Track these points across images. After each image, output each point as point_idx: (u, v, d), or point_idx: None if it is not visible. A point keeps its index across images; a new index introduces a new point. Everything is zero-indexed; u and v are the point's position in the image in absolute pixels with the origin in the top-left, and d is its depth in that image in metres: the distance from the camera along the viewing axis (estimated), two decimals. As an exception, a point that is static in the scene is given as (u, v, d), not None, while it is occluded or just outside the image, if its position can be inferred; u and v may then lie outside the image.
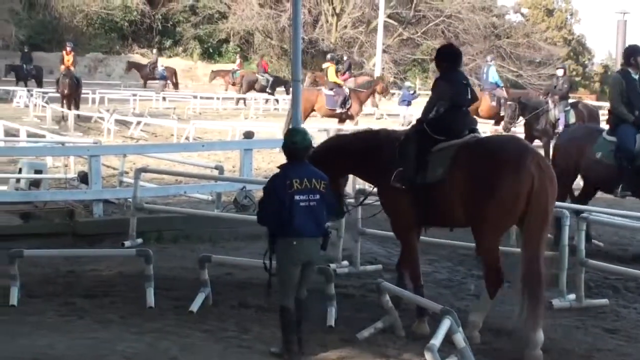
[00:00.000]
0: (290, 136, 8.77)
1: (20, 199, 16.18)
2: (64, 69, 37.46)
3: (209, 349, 8.66)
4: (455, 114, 9.92)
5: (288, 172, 8.50)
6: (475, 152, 9.44)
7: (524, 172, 8.96)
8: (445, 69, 10.16)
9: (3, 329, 9.01)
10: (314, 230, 8.50)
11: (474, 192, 9.14)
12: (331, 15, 73.26)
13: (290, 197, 8.33)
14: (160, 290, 10.39)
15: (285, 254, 8.47)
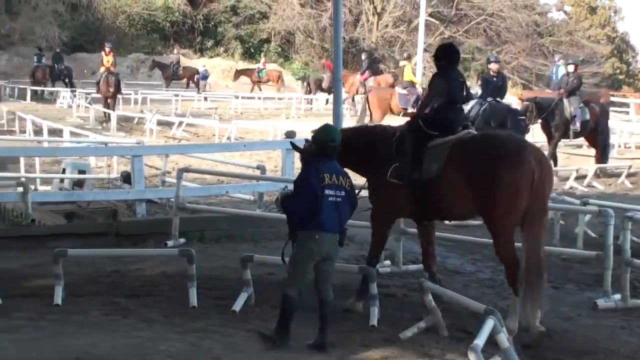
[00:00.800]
0: (329, 134, 8.87)
1: (64, 199, 16.31)
2: (104, 70, 37.18)
3: (252, 348, 8.66)
4: (449, 111, 10.26)
5: (319, 166, 8.63)
6: (473, 148, 9.71)
7: (525, 166, 9.20)
8: (442, 67, 10.47)
9: (47, 328, 9.07)
10: (336, 226, 8.67)
11: (478, 190, 9.40)
12: (372, 14, 73.06)
13: (322, 191, 8.46)
14: (202, 290, 10.42)
15: (305, 246, 8.59)
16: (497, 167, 9.27)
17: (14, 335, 8.81)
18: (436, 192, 9.74)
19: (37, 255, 12.40)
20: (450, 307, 9.99)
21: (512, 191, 9.20)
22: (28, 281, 11.04)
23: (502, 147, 9.58)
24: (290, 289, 8.69)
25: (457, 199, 9.69)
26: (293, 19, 70.93)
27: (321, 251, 8.60)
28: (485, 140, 10.11)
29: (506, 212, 9.30)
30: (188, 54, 71.48)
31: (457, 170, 9.59)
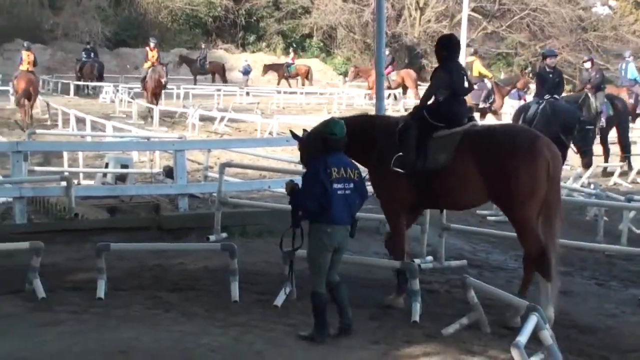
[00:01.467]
0: (329, 127, 8.98)
1: (106, 194, 16.40)
2: (150, 65, 36.98)
3: (293, 343, 8.66)
4: (454, 103, 10.31)
5: (327, 160, 8.70)
6: (487, 140, 9.84)
7: (542, 157, 9.44)
8: (445, 59, 10.45)
9: (90, 322, 9.12)
10: (346, 218, 8.79)
11: (496, 181, 9.56)
12: (414, 9, 72.90)
13: (330, 185, 8.59)
14: (244, 285, 10.43)
15: (319, 240, 8.69)
16: (516, 158, 9.44)
17: (58, 328, 8.88)
18: (442, 182, 9.87)
19: (80, 249, 12.50)
20: (493, 303, 9.93)
21: (533, 181, 9.40)
22: (71, 275, 11.12)
23: (518, 138, 9.76)
24: (317, 286, 8.76)
25: (466, 189, 9.86)
26: (335, 13, 70.94)
27: (333, 243, 8.73)
28: (500, 132, 10.31)
29: (529, 202, 9.46)
30: (230, 49, 71.79)
31: (469, 161, 9.70)
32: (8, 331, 8.74)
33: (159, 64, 36.88)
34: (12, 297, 9.98)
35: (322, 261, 8.74)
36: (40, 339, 8.49)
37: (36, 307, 9.64)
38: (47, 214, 15.29)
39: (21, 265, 10.78)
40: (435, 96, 10.34)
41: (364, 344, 8.71)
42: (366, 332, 9.08)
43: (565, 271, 12.71)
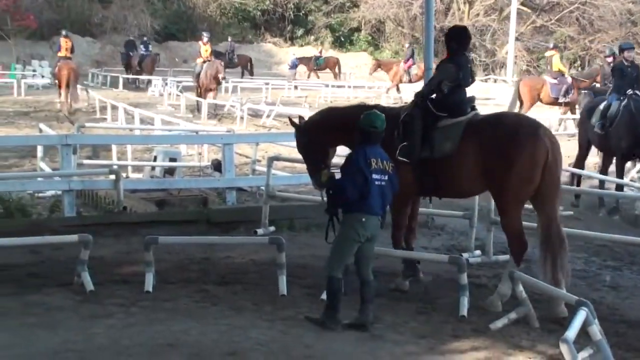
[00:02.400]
0: (372, 121, 9.05)
1: (155, 187, 16.47)
2: (203, 61, 36.39)
3: (342, 337, 8.65)
4: (459, 94, 10.50)
5: (367, 151, 8.84)
6: (490, 128, 10.08)
7: (541, 145, 9.74)
8: (454, 51, 10.63)
9: (139, 315, 9.17)
10: (380, 209, 8.97)
11: (495, 166, 9.79)
12: (463, 2, 72.48)
13: (370, 175, 8.76)
14: (292, 278, 10.43)
15: (352, 228, 8.85)
16: (515, 145, 9.73)
17: (106, 321, 8.93)
18: (447, 170, 10.06)
19: (129, 243, 12.56)
20: (541, 298, 9.86)
21: (527, 168, 9.70)
22: (119, 268, 11.18)
23: (520, 127, 10.04)
24: (336, 271, 8.88)
25: (470, 176, 10.09)
26: (383, 7, 70.75)
27: (367, 233, 8.88)
28: (502, 120, 10.50)
29: (520, 187, 9.79)
30: (278, 43, 71.86)
31: (473, 148, 9.94)
32: (58, 324, 8.80)
33: (215, 59, 36.51)
34: (62, 289, 10.05)
35: (349, 249, 8.91)
36: (89, 332, 8.55)
37: (85, 300, 9.71)
38: (96, 207, 15.38)
39: (70, 258, 10.88)
40: (439, 87, 10.49)
41: (411, 338, 8.70)
42: (413, 327, 9.06)
43: (615, 266, 12.63)
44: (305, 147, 11.01)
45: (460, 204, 13.97)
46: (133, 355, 7.93)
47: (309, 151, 11.00)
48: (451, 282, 10.33)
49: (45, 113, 34.51)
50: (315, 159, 10.93)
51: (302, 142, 11.03)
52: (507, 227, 10.11)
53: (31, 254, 11.82)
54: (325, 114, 11.39)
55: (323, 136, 10.80)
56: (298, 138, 11.09)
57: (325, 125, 10.88)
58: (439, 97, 10.50)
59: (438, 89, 10.50)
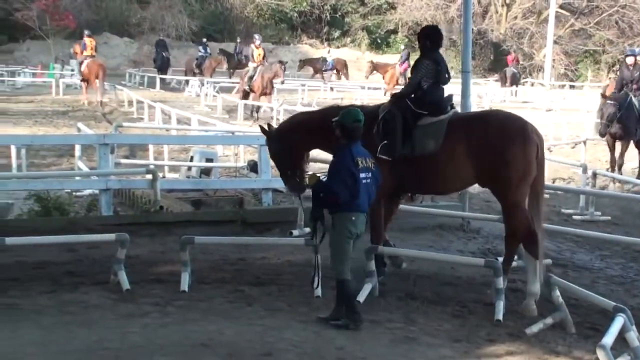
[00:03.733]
0: (353, 116, 9.09)
1: (191, 187, 16.53)
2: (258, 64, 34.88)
3: (376, 339, 8.65)
4: (438, 91, 10.70)
5: (352, 150, 8.90)
6: (478, 126, 10.30)
7: (531, 141, 10.01)
8: (428, 49, 10.87)
9: (174, 314, 9.21)
10: (367, 206, 9.10)
11: (493, 165, 10.00)
12: (501, 5, 72.29)
13: (358, 173, 8.83)
14: (326, 280, 10.40)
15: (345, 229, 8.93)
16: (511, 143, 9.95)
17: (142, 320, 8.98)
18: (430, 168, 10.17)
19: (165, 242, 12.62)
20: (578, 303, 9.81)
21: (524, 164, 9.93)
22: (155, 267, 11.23)
23: (510, 124, 10.28)
24: (344, 274, 8.99)
25: (453, 174, 10.31)
26: (421, 9, 70.62)
27: (357, 231, 8.99)
28: (490, 118, 10.75)
29: (520, 184, 9.98)
30: (315, 44, 71.89)
31: (459, 146, 10.09)
32: (94, 322, 8.86)
33: (277, 62, 35.28)
34: (98, 288, 10.12)
35: (347, 249, 9.02)
36: (125, 331, 8.59)
37: (121, 298, 9.76)
38: (133, 206, 15.46)
39: (107, 257, 10.95)
40: (418, 85, 10.62)
41: (446, 342, 8.67)
42: (448, 330, 9.04)
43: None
44: (279, 153, 11.04)
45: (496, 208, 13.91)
46: (168, 354, 7.97)
47: (284, 157, 11.02)
48: (487, 286, 10.29)
49: (83, 112, 34.77)
50: (290, 165, 10.99)
51: (275, 148, 11.07)
52: (514, 225, 10.22)
53: (68, 252, 11.91)
54: (297, 118, 11.58)
55: (297, 141, 10.85)
56: (270, 145, 11.16)
57: (300, 130, 10.94)
58: (418, 95, 10.63)
59: (417, 87, 10.64)
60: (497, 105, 41.75)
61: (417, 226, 13.87)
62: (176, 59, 58.67)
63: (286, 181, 11.19)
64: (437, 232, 14.09)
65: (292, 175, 10.96)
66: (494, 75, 64.28)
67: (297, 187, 11.05)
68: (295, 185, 11.03)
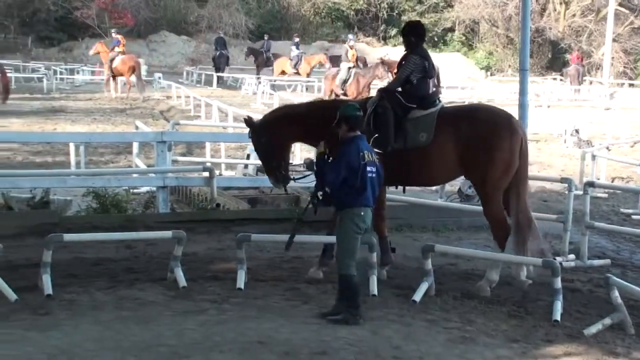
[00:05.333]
0: (353, 108, 9.18)
1: (248, 185, 16.57)
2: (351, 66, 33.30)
3: (432, 339, 8.60)
4: (426, 85, 10.88)
5: (360, 144, 8.97)
6: (467, 118, 10.58)
7: (518, 133, 10.46)
8: (414, 44, 11.02)
9: (230, 312, 9.24)
10: (373, 200, 9.17)
11: (477, 157, 10.33)
12: (559, 3, 71.53)
13: (363, 168, 8.90)
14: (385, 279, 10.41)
15: (352, 223, 9.01)
16: (497, 134, 10.33)
17: (198, 317, 9.02)
18: (420, 160, 10.33)
19: (222, 240, 12.68)
20: (637, 304, 9.70)
21: (509, 156, 10.31)
22: (212, 264, 11.28)
23: (497, 117, 10.69)
24: (350, 269, 8.98)
25: (445, 165, 10.57)
26: (478, 7, 70.10)
27: (365, 225, 9.08)
28: (478, 112, 11.15)
29: (502, 175, 10.35)
30: (371, 42, 71.73)
31: (449, 139, 10.37)
32: (150, 318, 8.92)
33: (379, 62, 33.29)
34: (155, 285, 10.20)
35: (355, 244, 9.06)
36: (181, 327, 8.63)
37: (177, 295, 9.82)
38: (189, 204, 15.54)
39: (164, 254, 11.03)
40: (407, 79, 10.78)
41: (503, 342, 8.61)
42: (505, 330, 8.97)
43: None
44: (264, 146, 11.04)
45: (553, 208, 13.80)
46: (224, 351, 7.99)
47: (269, 150, 11.03)
48: (544, 286, 10.20)
49: (141, 110, 35.05)
50: (275, 157, 11.04)
51: (260, 141, 11.05)
52: (491, 214, 10.59)
53: (126, 249, 12.03)
54: (282, 111, 11.61)
55: (282, 133, 10.92)
56: (255, 137, 11.12)
57: (285, 122, 11.00)
58: (407, 89, 10.82)
59: (407, 81, 10.77)
60: (555, 104, 41.52)
61: (474, 225, 13.80)
62: (233, 57, 58.84)
63: (270, 174, 11.22)
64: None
65: (277, 168, 11.03)
66: (551, 73, 63.81)
67: (281, 179, 11.15)
68: (279, 178, 11.13)
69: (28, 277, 10.22)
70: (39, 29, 63.05)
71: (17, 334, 8.32)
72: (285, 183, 11.39)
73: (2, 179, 14.45)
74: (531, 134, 22.83)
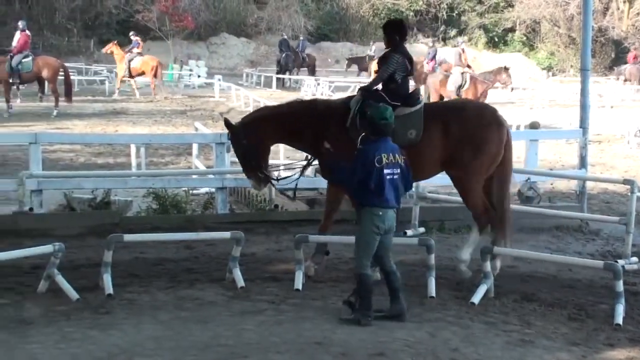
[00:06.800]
0: (381, 113, 9.11)
1: (306, 186, 16.54)
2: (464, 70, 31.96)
3: (491, 341, 8.53)
4: (408, 83, 11.12)
5: (379, 146, 9.01)
6: (455, 115, 10.80)
7: (504, 127, 10.81)
8: (396, 42, 10.99)
9: (288, 312, 9.27)
10: (394, 201, 9.11)
11: (463, 150, 10.53)
12: (623, 1, 70.77)
13: (380, 171, 8.90)
14: (441, 280, 10.36)
15: (370, 223, 9.00)
16: (486, 127, 10.63)
17: (257, 317, 9.05)
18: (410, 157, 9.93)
19: (280, 241, 12.71)
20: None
21: (497, 148, 10.63)
22: (270, 265, 11.31)
23: (484, 111, 11.10)
24: (364, 268, 9.03)
25: (434, 161, 10.72)
26: (539, 7, 69.68)
27: (384, 226, 9.03)
28: (466, 106, 11.58)
29: (487, 167, 10.69)
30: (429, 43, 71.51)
31: (437, 135, 10.53)
32: (209, 318, 8.97)
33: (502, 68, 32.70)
34: (214, 285, 10.25)
35: (372, 244, 9.04)
36: (240, 327, 8.68)
37: (236, 296, 9.86)
38: (248, 205, 15.60)
39: (222, 255, 11.08)
40: (391, 78, 10.79)
41: (563, 345, 8.51)
42: (565, 333, 8.87)
43: None
44: (244, 148, 10.95)
45: (616, 210, 13.65)
46: (282, 352, 8.00)
47: (248, 151, 10.94)
48: (605, 289, 10.08)
49: (201, 112, 35.29)
50: (254, 158, 10.98)
51: (240, 143, 10.96)
52: (474, 205, 10.85)
53: (185, 249, 12.11)
54: (263, 112, 11.53)
55: (263, 135, 10.89)
56: (235, 139, 11.04)
57: (265, 124, 10.95)
58: (392, 87, 10.83)
59: (391, 80, 10.80)
60: (618, 105, 41.04)
61: (534, 227, 13.70)
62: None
63: (250, 175, 11.14)
64: (554, 234, 13.91)
65: (257, 169, 10.98)
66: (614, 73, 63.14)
67: (260, 181, 11.11)
68: (259, 180, 11.08)
69: (89, 277, 10.36)
70: (101, 32, 63.72)
71: (78, 333, 8.44)
72: (264, 185, 11.44)
73: (65, 180, 14.63)
74: (593, 135, 22.68)
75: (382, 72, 10.89)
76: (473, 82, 31.34)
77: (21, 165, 17.89)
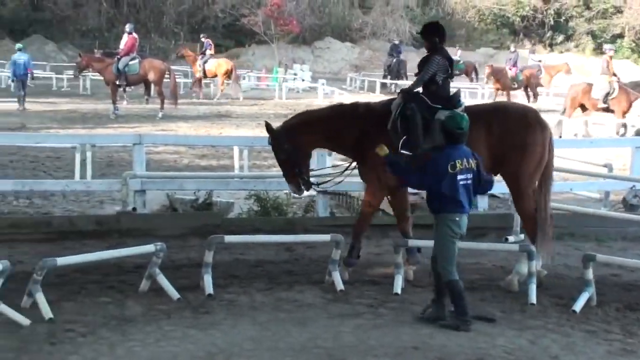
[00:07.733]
0: (458, 122, 9.10)
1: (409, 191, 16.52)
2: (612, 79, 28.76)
3: (592, 350, 8.42)
4: (449, 86, 11.02)
5: (452, 153, 9.02)
6: (497, 117, 10.71)
7: (547, 128, 10.76)
8: (436, 44, 10.96)
9: (386, 316, 9.28)
10: (468, 206, 9.15)
11: (510, 153, 10.49)
12: None
13: (454, 176, 8.91)
14: (542, 288, 10.24)
15: (449, 228, 9.03)
16: (529, 129, 10.53)
17: (355, 320, 9.08)
18: None
19: (380, 244, 12.71)
20: None
21: (542, 150, 10.55)
22: (370, 269, 11.31)
23: (527, 112, 11.00)
24: (452, 274, 8.98)
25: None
26: (649, 13, 68.39)
27: (460, 231, 9.07)
28: (507, 108, 11.56)
29: (535, 169, 10.57)
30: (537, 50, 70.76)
31: (479, 137, 10.29)
32: (307, 320, 9.04)
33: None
34: (313, 287, 10.32)
35: (452, 249, 9.06)
36: (338, 330, 8.72)
37: (335, 298, 9.91)
38: (349, 208, 15.62)
39: (322, 257, 11.14)
40: (432, 80, 10.74)
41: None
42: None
43: None
44: (287, 153, 10.81)
45: None
46: (379, 355, 8.02)
47: (290, 156, 10.81)
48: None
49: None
50: (296, 164, 10.86)
51: (282, 148, 10.81)
52: (525, 209, 10.77)
53: (285, 251, 12.21)
54: (303, 117, 11.25)
55: (304, 140, 10.79)
56: (277, 144, 10.89)
57: (306, 129, 10.84)
58: (433, 89, 10.79)
59: (431, 82, 10.70)
60: None
61: (639, 235, 13.46)
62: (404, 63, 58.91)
63: (291, 180, 10.99)
64: (660, 242, 13.65)
65: (298, 174, 10.87)
66: None
67: (300, 187, 10.97)
68: (299, 185, 10.94)
69: (190, 277, 10.53)
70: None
71: (178, 331, 8.57)
72: (307, 189, 11.30)
73: (168, 181, 14.87)
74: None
75: (423, 74, 10.84)
76: (622, 91, 28.65)
77: (126, 166, 18.22)
